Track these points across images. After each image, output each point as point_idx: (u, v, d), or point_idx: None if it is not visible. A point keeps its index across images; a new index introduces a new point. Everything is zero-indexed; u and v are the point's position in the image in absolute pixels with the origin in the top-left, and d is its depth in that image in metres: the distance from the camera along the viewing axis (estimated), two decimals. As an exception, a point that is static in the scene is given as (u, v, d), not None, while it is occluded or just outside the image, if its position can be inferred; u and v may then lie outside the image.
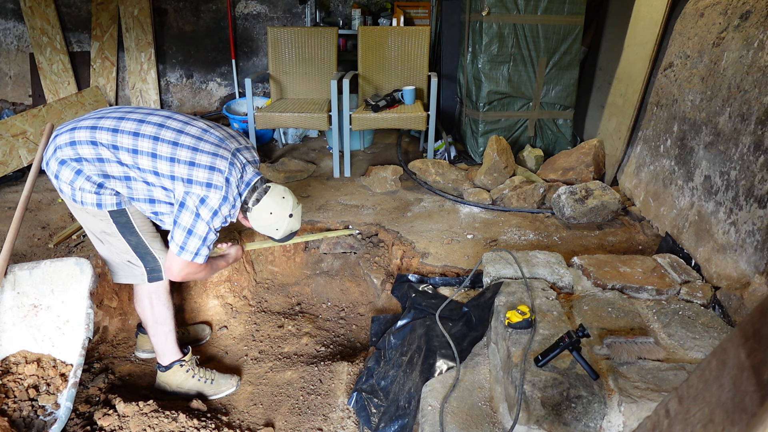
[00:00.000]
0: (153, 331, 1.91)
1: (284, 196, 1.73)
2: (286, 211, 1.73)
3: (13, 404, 1.71)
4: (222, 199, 1.61)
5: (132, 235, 1.76)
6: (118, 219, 1.73)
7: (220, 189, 1.60)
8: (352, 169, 3.49)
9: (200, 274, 1.76)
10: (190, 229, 1.60)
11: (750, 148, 1.92)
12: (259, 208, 1.70)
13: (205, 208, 1.60)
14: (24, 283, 1.84)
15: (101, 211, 1.69)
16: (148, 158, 1.60)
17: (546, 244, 2.55)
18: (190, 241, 1.61)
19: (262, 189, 1.71)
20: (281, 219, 1.73)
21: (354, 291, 2.71)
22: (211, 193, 1.60)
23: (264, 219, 1.72)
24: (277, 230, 1.75)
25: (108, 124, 1.62)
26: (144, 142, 1.60)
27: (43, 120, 3.52)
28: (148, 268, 1.82)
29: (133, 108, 1.73)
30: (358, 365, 2.13)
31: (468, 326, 1.84)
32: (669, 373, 1.46)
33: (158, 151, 1.60)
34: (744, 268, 1.86)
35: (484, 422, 1.54)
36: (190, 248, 1.62)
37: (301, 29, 3.65)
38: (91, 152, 1.61)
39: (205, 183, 1.59)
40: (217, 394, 2.03)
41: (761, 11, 1.99)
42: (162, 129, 1.63)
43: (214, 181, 1.60)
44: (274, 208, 1.71)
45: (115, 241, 1.77)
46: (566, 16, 3.21)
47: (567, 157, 3.24)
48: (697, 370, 0.70)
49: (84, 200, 1.66)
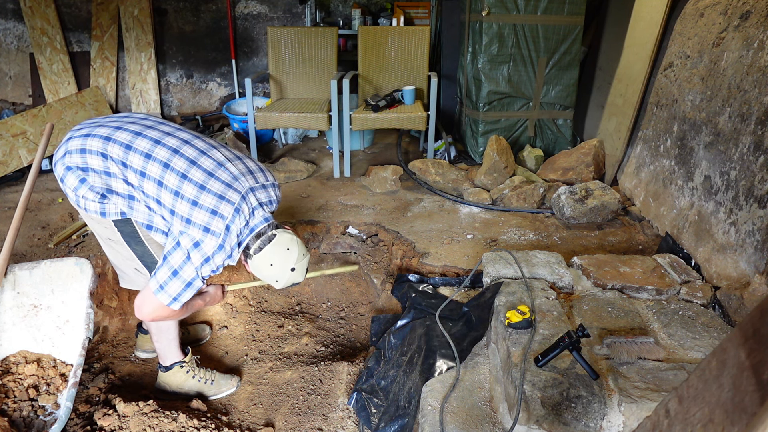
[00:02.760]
0: (157, 336, 1.91)
1: (289, 248, 1.59)
2: (288, 264, 1.60)
3: (13, 404, 1.71)
4: (218, 248, 1.51)
5: (138, 244, 1.71)
6: (123, 228, 1.67)
7: (217, 236, 1.50)
8: (352, 169, 3.49)
9: (172, 318, 1.67)
10: (176, 270, 1.51)
11: (750, 148, 1.92)
12: (260, 258, 1.58)
13: (198, 252, 1.50)
14: (24, 283, 1.84)
15: (105, 219, 1.64)
16: (154, 185, 1.52)
17: (546, 244, 2.55)
18: (173, 283, 1.52)
19: (266, 237, 1.58)
20: (282, 272, 1.61)
21: (354, 291, 2.71)
22: (207, 238, 1.49)
23: (263, 269, 1.60)
24: (276, 282, 1.63)
25: (123, 138, 1.55)
26: (154, 166, 1.52)
27: (43, 120, 3.52)
28: None
29: (154, 121, 1.64)
30: (358, 365, 2.13)
31: (468, 326, 1.84)
32: (669, 373, 1.46)
33: (165, 180, 1.51)
34: (744, 268, 1.86)
35: (484, 422, 1.54)
36: (170, 291, 1.52)
37: (301, 29, 3.65)
38: (99, 164, 1.54)
39: (203, 227, 1.49)
40: (217, 395, 2.03)
41: (761, 11, 1.99)
42: (175, 156, 1.53)
43: (213, 227, 1.50)
44: (275, 260, 1.58)
45: (121, 249, 1.73)
46: (566, 16, 3.21)
47: (567, 157, 3.24)
48: (697, 370, 0.70)
49: (88, 207, 1.61)
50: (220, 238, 1.51)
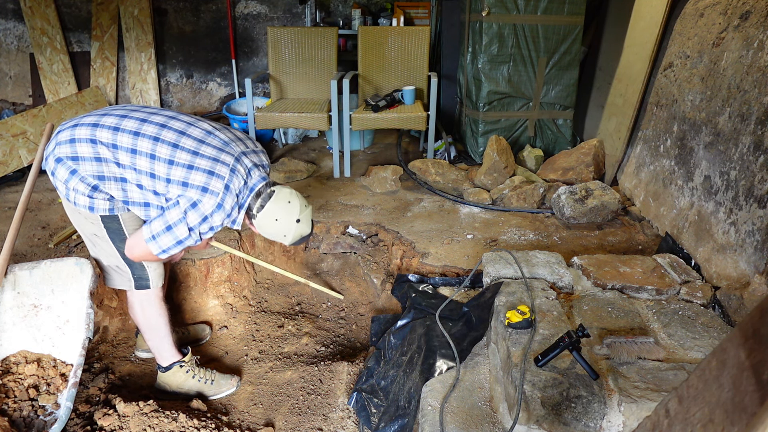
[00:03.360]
0: (147, 335, 1.91)
1: (290, 201, 1.64)
2: (293, 216, 1.64)
3: (13, 404, 1.71)
4: (216, 207, 1.53)
5: (121, 241, 1.73)
6: (109, 224, 1.70)
7: (216, 195, 1.52)
8: (352, 169, 3.49)
9: (153, 260, 1.72)
10: (170, 225, 1.53)
11: (750, 148, 1.92)
12: (264, 215, 1.62)
13: (195, 212, 1.52)
14: (24, 283, 1.84)
15: (93, 215, 1.67)
16: (146, 159, 1.55)
17: (546, 244, 2.55)
18: (165, 236, 1.54)
19: (266, 194, 1.62)
20: (288, 225, 1.64)
21: (354, 291, 2.71)
22: (205, 198, 1.52)
23: (270, 226, 1.64)
24: (285, 236, 1.66)
25: (110, 122, 1.58)
26: (144, 141, 1.55)
27: (43, 120, 3.52)
28: (135, 275, 1.81)
29: (137, 107, 1.68)
30: (358, 365, 2.13)
31: (468, 326, 1.84)
32: (669, 373, 1.46)
33: (157, 153, 1.54)
34: (744, 268, 1.86)
35: (484, 422, 1.54)
36: (161, 243, 1.55)
37: (301, 29, 3.65)
38: (89, 150, 1.56)
39: (201, 187, 1.52)
40: (217, 395, 2.03)
41: (761, 11, 1.99)
42: (164, 129, 1.57)
43: (212, 186, 1.52)
44: (280, 215, 1.62)
45: (105, 246, 1.75)
46: (566, 16, 3.21)
47: (567, 157, 3.24)
48: (697, 370, 0.70)
49: (77, 201, 1.63)
50: (219, 197, 1.53)
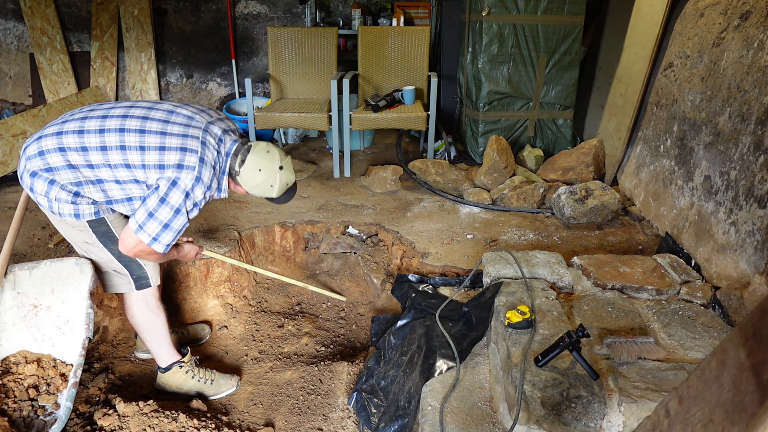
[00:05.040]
0: (145, 336, 1.91)
1: (269, 150, 1.67)
2: (275, 164, 1.67)
3: (13, 404, 1.71)
4: (195, 180, 1.55)
5: (113, 243, 1.72)
6: (98, 228, 1.69)
7: (192, 169, 1.54)
8: (352, 169, 3.49)
9: (152, 257, 1.68)
10: (152, 212, 1.54)
11: (750, 148, 1.92)
12: (246, 169, 1.64)
13: (176, 190, 1.53)
14: (24, 283, 1.84)
15: (80, 222, 1.65)
16: (117, 152, 1.55)
17: (546, 244, 2.55)
18: (150, 224, 1.54)
19: (244, 150, 1.65)
20: (272, 173, 1.66)
21: (354, 291, 2.71)
22: (183, 174, 1.53)
23: (255, 178, 1.65)
24: (272, 187, 1.68)
25: (73, 127, 1.57)
26: (110, 136, 1.55)
27: (43, 120, 3.52)
28: (134, 276, 1.81)
29: (96, 105, 1.68)
30: (358, 365, 2.13)
31: (468, 326, 1.84)
32: (669, 373, 1.46)
33: (126, 143, 1.55)
34: (744, 268, 1.86)
35: (484, 422, 1.54)
36: (149, 231, 1.55)
37: (301, 29, 3.65)
38: (59, 160, 1.55)
39: (176, 165, 1.54)
40: (217, 394, 2.03)
41: (761, 11, 1.99)
42: (126, 119, 1.57)
43: (186, 162, 1.54)
44: (262, 164, 1.65)
45: (97, 251, 1.75)
46: (566, 16, 3.21)
47: (567, 157, 3.24)
48: (697, 370, 0.70)
49: (62, 211, 1.62)
50: (195, 170, 1.55)
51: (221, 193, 1.69)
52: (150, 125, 1.57)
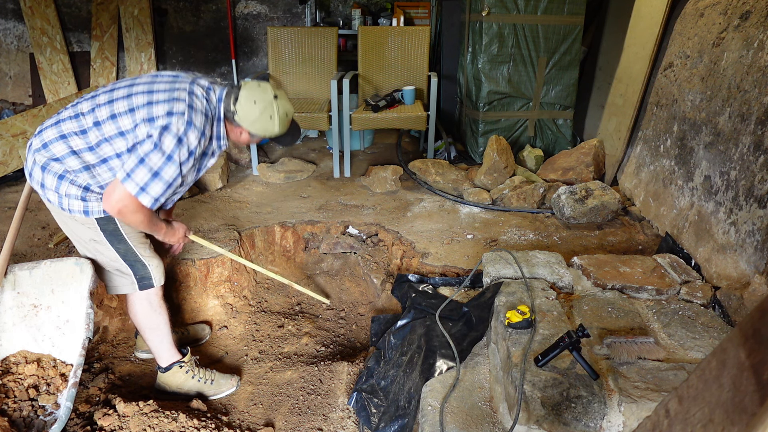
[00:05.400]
0: (147, 335, 1.91)
1: (259, 84, 1.67)
2: (269, 94, 1.66)
3: (13, 404, 1.71)
4: (186, 124, 1.53)
5: (120, 242, 1.73)
6: (106, 227, 1.70)
7: (181, 114, 1.53)
8: (352, 169, 3.49)
9: (136, 216, 1.59)
10: (143, 158, 1.51)
11: (750, 148, 1.92)
12: (241, 105, 1.63)
13: (168, 135, 1.52)
14: (24, 283, 1.84)
15: (89, 219, 1.66)
16: (110, 124, 1.56)
17: (546, 244, 2.55)
18: (139, 171, 1.51)
19: (235, 89, 1.65)
20: (268, 104, 1.65)
21: (354, 291, 2.71)
22: (173, 120, 1.53)
23: (252, 111, 1.63)
24: (271, 119, 1.66)
25: (68, 114, 1.62)
26: (102, 110, 1.58)
27: (43, 120, 3.52)
28: (138, 276, 1.81)
29: (86, 94, 1.72)
30: (358, 365, 2.13)
31: (468, 326, 1.84)
32: (669, 373, 1.46)
33: (116, 111, 1.56)
34: (744, 268, 1.86)
35: (484, 422, 1.54)
36: (137, 179, 1.51)
37: (301, 29, 3.65)
38: (63, 148, 1.59)
39: (165, 113, 1.53)
40: (217, 395, 2.03)
41: (761, 11, 1.99)
42: (113, 92, 1.61)
43: (175, 109, 1.54)
44: (256, 96, 1.64)
45: (103, 250, 1.75)
46: (566, 16, 3.21)
47: (567, 157, 3.24)
48: (697, 370, 0.70)
49: (71, 208, 1.63)
50: (185, 115, 1.54)
51: (221, 142, 1.69)
52: (136, 89, 1.60)
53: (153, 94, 1.57)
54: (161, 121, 1.53)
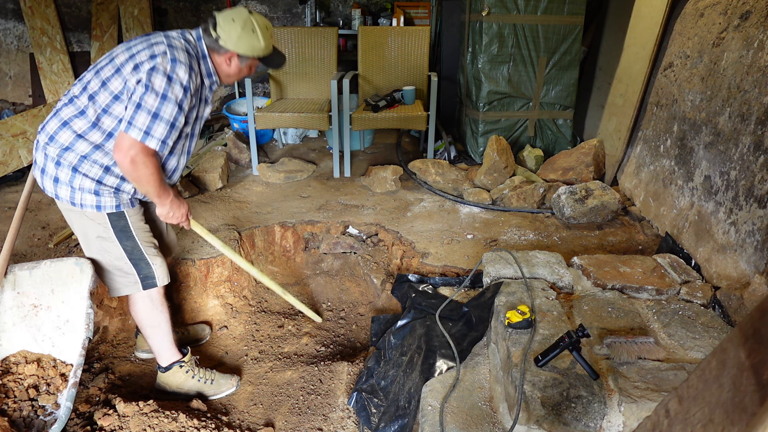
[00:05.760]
0: (148, 333, 1.91)
1: (231, 8, 1.72)
2: (244, 11, 1.70)
3: (13, 404, 1.71)
4: (171, 62, 1.55)
5: (128, 239, 1.75)
6: (116, 223, 1.71)
7: (164, 53, 1.56)
8: (352, 169, 3.49)
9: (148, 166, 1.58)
10: (139, 103, 1.53)
11: (750, 148, 1.92)
12: (222, 27, 1.66)
13: (157, 75, 1.53)
14: (24, 283, 1.84)
15: (100, 214, 1.68)
16: (103, 93, 1.59)
17: (546, 244, 2.55)
18: (139, 115, 1.53)
19: (210, 19, 1.69)
20: (246, 19, 1.68)
21: (354, 291, 2.71)
22: (158, 60, 1.55)
23: (234, 29, 1.66)
24: (254, 32, 1.68)
25: (63, 102, 1.65)
26: (91, 84, 1.61)
27: (43, 120, 3.52)
28: (142, 275, 1.81)
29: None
30: (358, 365, 2.13)
31: (468, 326, 1.84)
32: (669, 373, 1.46)
33: (104, 77, 1.59)
34: (744, 268, 1.86)
35: (484, 422, 1.54)
36: (139, 124, 1.52)
37: (301, 29, 3.65)
38: (68, 135, 1.61)
39: (148, 57, 1.55)
40: (217, 394, 2.03)
41: (761, 11, 1.99)
42: (97, 66, 1.65)
43: (156, 50, 1.56)
44: (233, 15, 1.67)
45: (110, 247, 1.75)
46: (566, 16, 3.21)
47: (567, 157, 3.24)
48: (697, 370, 0.70)
49: (84, 202, 1.65)
50: (168, 54, 1.56)
51: (212, 78, 1.72)
52: (116, 53, 1.63)
53: (132, 49, 1.60)
54: (146, 65, 1.55)
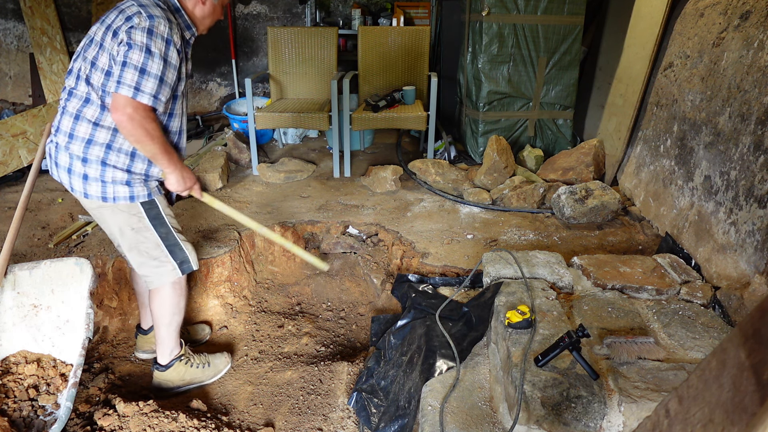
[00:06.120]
0: (167, 322, 1.90)
1: None
2: None
3: (13, 404, 1.71)
4: (148, 18, 1.53)
5: (162, 226, 1.77)
6: (150, 211, 1.73)
7: (138, 13, 1.54)
8: (352, 169, 3.49)
9: (149, 123, 1.55)
10: (124, 61, 1.52)
11: (750, 148, 1.92)
12: None
13: (137, 32, 1.52)
14: (24, 283, 1.84)
15: (134, 204, 1.70)
16: (94, 71, 1.58)
17: (546, 244, 2.55)
18: (126, 73, 1.51)
19: None
20: None
21: (354, 291, 2.71)
22: (134, 20, 1.53)
23: None
24: None
25: (65, 97, 1.66)
26: (83, 69, 1.61)
27: (43, 120, 3.52)
28: (178, 260, 1.83)
29: None
30: (358, 365, 2.13)
31: (468, 326, 1.84)
32: (669, 373, 1.46)
33: (90, 57, 1.59)
34: (744, 268, 1.86)
35: (484, 422, 1.54)
36: (127, 80, 1.51)
37: (301, 29, 3.65)
38: (85, 126, 1.61)
39: (124, 20, 1.54)
40: (217, 375, 2.08)
41: (761, 11, 1.99)
42: (80, 51, 1.65)
43: (129, 11, 1.55)
44: None
45: (147, 236, 1.76)
46: (566, 16, 3.21)
47: (567, 157, 3.24)
48: (697, 370, 0.70)
49: (117, 195, 1.66)
50: (143, 12, 1.54)
51: (192, 30, 1.71)
52: (92, 31, 1.64)
53: (107, 21, 1.60)
54: (124, 27, 1.53)
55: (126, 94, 1.51)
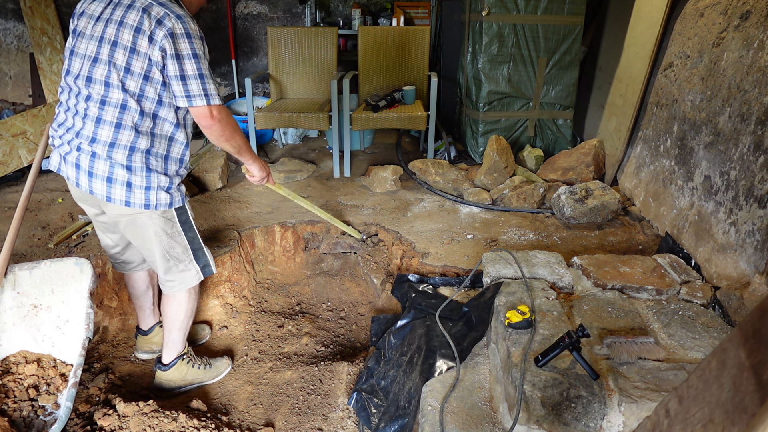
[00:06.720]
0: (180, 326, 1.92)
1: None
2: None
3: (13, 404, 1.71)
4: (177, 19, 1.49)
5: (190, 230, 1.80)
6: (181, 216, 1.75)
7: (168, 15, 1.49)
8: (352, 169, 3.49)
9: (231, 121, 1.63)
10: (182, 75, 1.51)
11: (750, 148, 1.92)
12: None
13: (180, 41, 1.49)
14: (24, 283, 1.84)
15: (170, 211, 1.71)
16: (132, 78, 1.53)
17: (546, 244, 2.55)
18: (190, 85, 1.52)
19: None
20: None
21: (354, 291, 2.71)
22: (167, 24, 1.48)
23: None
24: None
25: (81, 100, 1.62)
26: (115, 77, 1.54)
27: (43, 120, 3.52)
28: (201, 264, 1.86)
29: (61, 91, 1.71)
30: (358, 365, 2.13)
31: (468, 326, 1.84)
32: (669, 373, 1.46)
33: (121, 62, 1.53)
34: (744, 268, 1.86)
35: (484, 422, 1.54)
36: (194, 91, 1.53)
37: (301, 29, 3.65)
38: (127, 133, 1.57)
39: (155, 22, 1.48)
40: (218, 376, 2.09)
41: (761, 11, 1.99)
42: (93, 54, 1.57)
43: (154, 12, 1.49)
44: None
45: (178, 242, 1.77)
46: (566, 16, 3.21)
47: (567, 157, 3.24)
48: (697, 370, 0.70)
49: (159, 201, 1.65)
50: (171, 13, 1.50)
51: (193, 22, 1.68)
52: (97, 31, 1.56)
53: (124, 21, 1.51)
54: (159, 32, 1.48)
55: (201, 104, 1.54)
